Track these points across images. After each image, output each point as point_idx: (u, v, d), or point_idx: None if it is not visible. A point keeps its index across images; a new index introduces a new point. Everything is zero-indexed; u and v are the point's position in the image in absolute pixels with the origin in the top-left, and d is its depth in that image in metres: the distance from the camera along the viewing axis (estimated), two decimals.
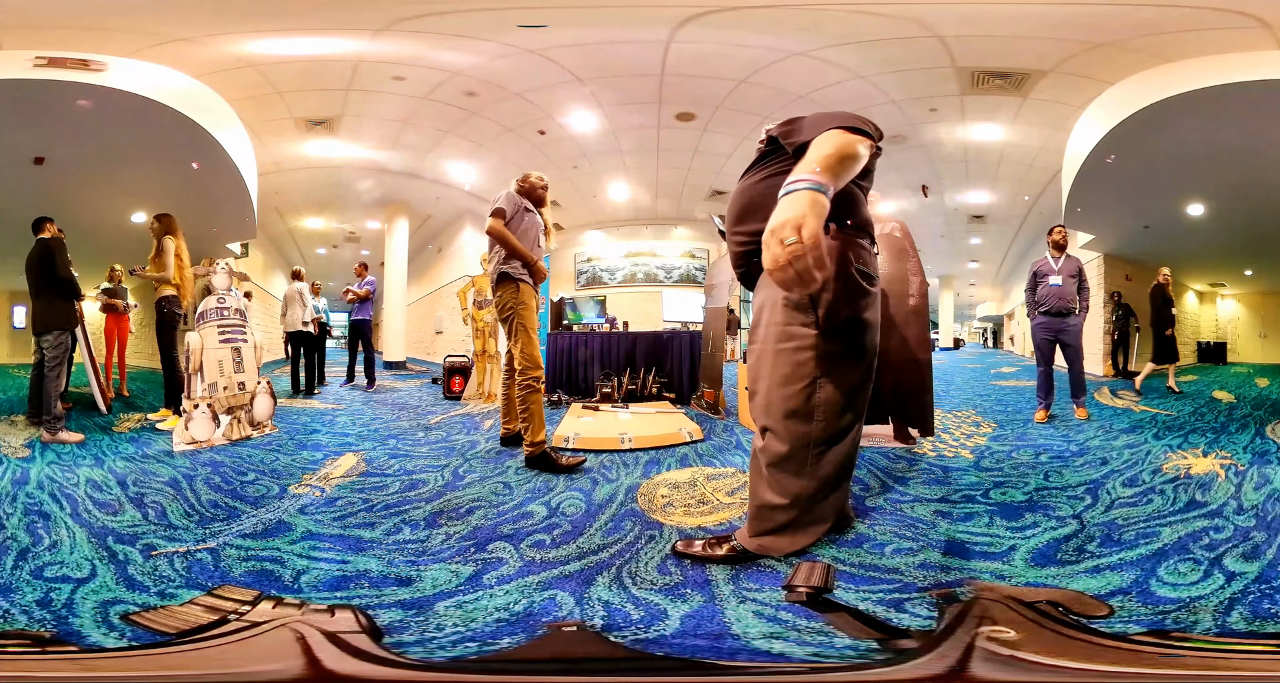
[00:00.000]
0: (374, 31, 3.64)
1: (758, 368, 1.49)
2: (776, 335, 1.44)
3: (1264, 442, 2.76)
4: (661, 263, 8.21)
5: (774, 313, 1.44)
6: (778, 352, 1.43)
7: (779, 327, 1.43)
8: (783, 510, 1.50)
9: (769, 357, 1.45)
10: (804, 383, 1.42)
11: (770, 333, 1.45)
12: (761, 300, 1.51)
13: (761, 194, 1.50)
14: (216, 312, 3.43)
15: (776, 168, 1.49)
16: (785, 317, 1.42)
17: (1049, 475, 2.32)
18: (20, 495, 2.10)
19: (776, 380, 1.44)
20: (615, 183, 6.40)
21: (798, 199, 1.12)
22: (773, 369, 1.44)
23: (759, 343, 1.49)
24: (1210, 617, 1.23)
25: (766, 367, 1.46)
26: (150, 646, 1.18)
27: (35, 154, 3.82)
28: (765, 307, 1.48)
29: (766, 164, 1.56)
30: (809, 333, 1.42)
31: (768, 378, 1.46)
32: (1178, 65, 3.63)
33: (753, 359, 1.52)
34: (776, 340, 1.44)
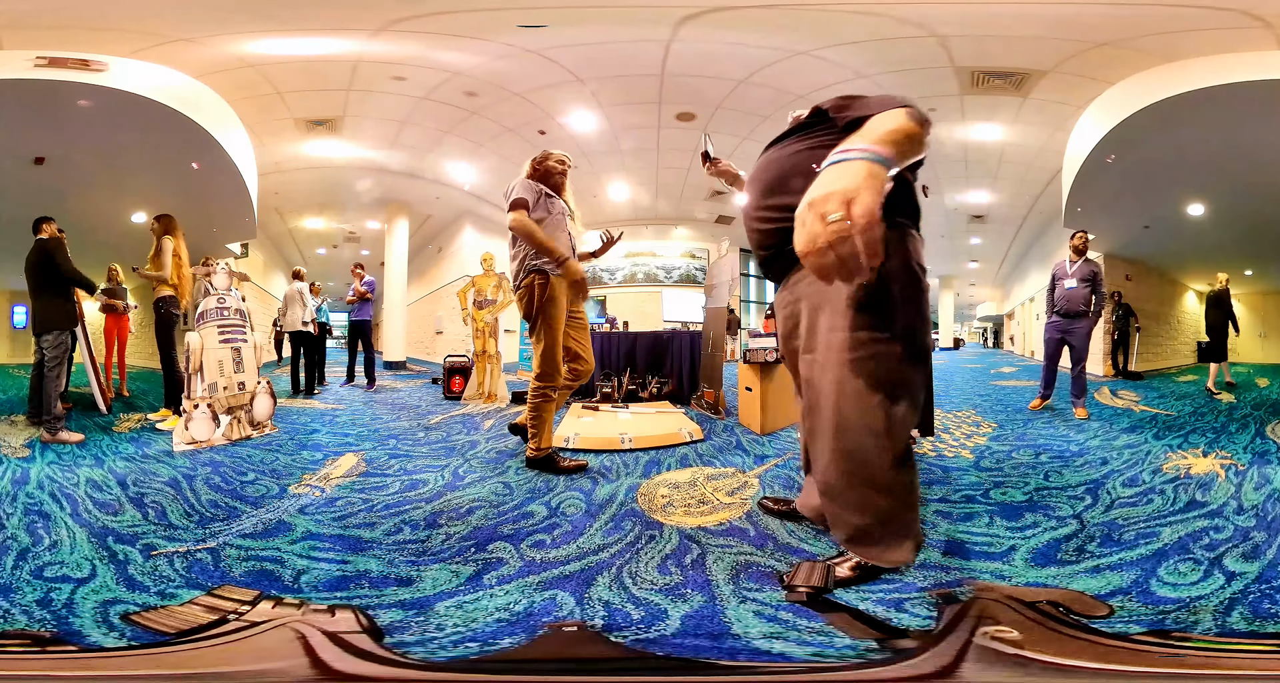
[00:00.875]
0: (373, 31, 3.64)
1: (819, 382, 1.26)
2: (844, 343, 1.21)
3: (1264, 442, 2.76)
4: (661, 263, 8.21)
5: (836, 316, 1.21)
6: (847, 363, 1.21)
7: (846, 333, 1.20)
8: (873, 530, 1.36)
9: (834, 369, 1.22)
10: (880, 397, 1.21)
11: (835, 341, 1.22)
12: (816, 300, 1.27)
13: (798, 164, 1.29)
14: (216, 312, 3.43)
15: (820, 140, 1.28)
16: (854, 320, 1.20)
17: (1049, 475, 2.32)
18: (20, 495, 2.10)
19: (850, 398, 1.22)
20: (615, 183, 6.39)
21: (849, 169, 0.91)
22: (841, 384, 1.22)
23: (818, 352, 1.26)
24: (1210, 617, 1.23)
25: (831, 381, 1.23)
26: (150, 645, 1.18)
27: (35, 154, 3.82)
28: (823, 308, 1.25)
29: (807, 135, 1.36)
30: (882, 338, 1.21)
31: (834, 394, 1.23)
32: (1178, 65, 3.63)
33: (812, 371, 1.29)
34: (844, 349, 1.21)
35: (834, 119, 1.29)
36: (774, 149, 1.45)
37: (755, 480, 2.32)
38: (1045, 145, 4.92)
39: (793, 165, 1.32)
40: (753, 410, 3.32)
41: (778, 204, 1.33)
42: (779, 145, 1.44)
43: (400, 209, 6.56)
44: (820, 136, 1.30)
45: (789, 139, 1.42)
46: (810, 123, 1.38)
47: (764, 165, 1.45)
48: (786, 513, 1.90)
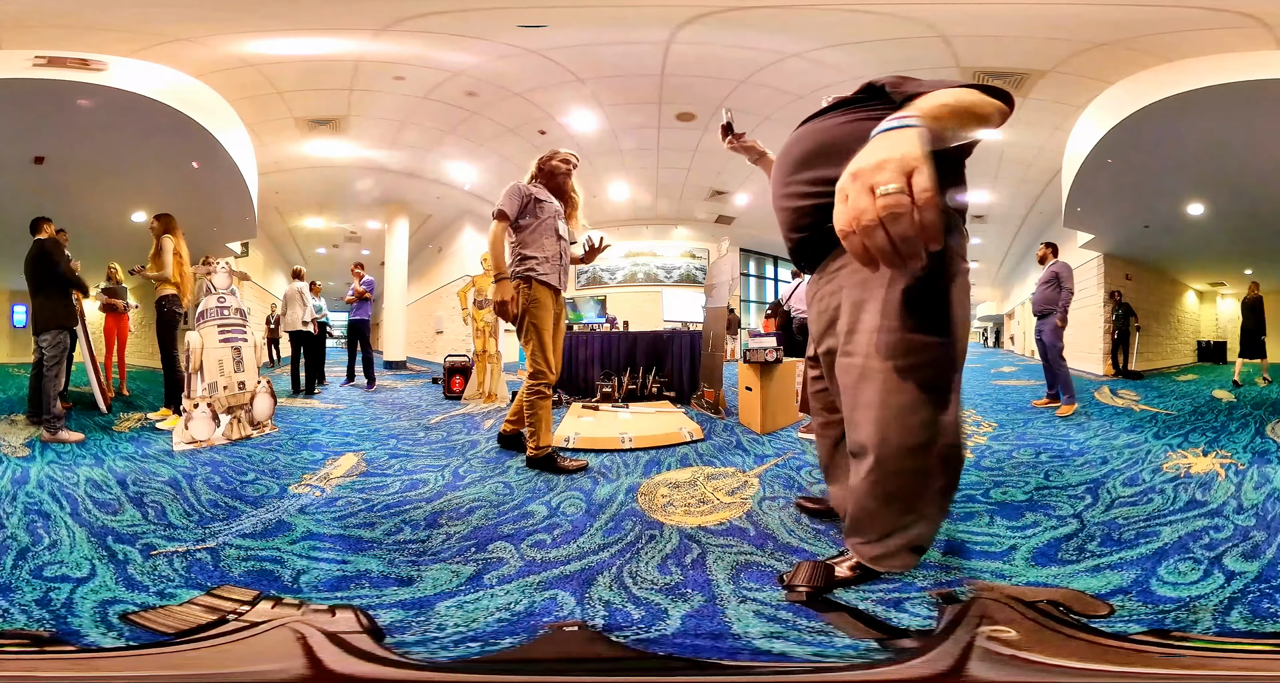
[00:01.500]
0: (374, 31, 3.64)
1: (859, 390, 1.11)
2: (891, 347, 1.05)
3: (1264, 441, 2.76)
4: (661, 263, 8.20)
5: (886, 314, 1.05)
6: (893, 370, 1.06)
7: (894, 335, 1.05)
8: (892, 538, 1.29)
9: (879, 377, 1.07)
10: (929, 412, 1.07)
11: (881, 343, 1.06)
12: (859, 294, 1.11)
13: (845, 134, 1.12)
14: (217, 311, 3.43)
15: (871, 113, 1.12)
16: (903, 320, 1.04)
17: (1049, 475, 2.32)
18: (20, 495, 2.10)
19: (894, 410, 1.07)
20: (615, 183, 6.39)
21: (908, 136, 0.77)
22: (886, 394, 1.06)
23: (858, 357, 1.11)
24: (1210, 616, 1.23)
25: (875, 391, 1.08)
26: (149, 645, 1.18)
27: (35, 154, 3.82)
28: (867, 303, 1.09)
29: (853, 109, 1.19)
30: (933, 342, 1.06)
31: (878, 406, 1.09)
32: (1177, 65, 3.63)
33: (849, 377, 1.14)
34: (890, 354, 1.05)
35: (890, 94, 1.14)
36: (811, 122, 1.27)
37: (755, 480, 2.32)
38: (1045, 145, 4.92)
39: (835, 135, 1.17)
40: (753, 410, 3.32)
41: (816, 177, 1.15)
42: (815, 119, 1.26)
43: (400, 209, 6.55)
44: (871, 111, 1.14)
45: (830, 113, 1.24)
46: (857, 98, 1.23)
47: (798, 137, 1.27)
48: (822, 512, 1.87)
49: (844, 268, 1.15)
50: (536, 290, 2.41)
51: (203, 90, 3.85)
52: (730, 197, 6.83)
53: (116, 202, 4.37)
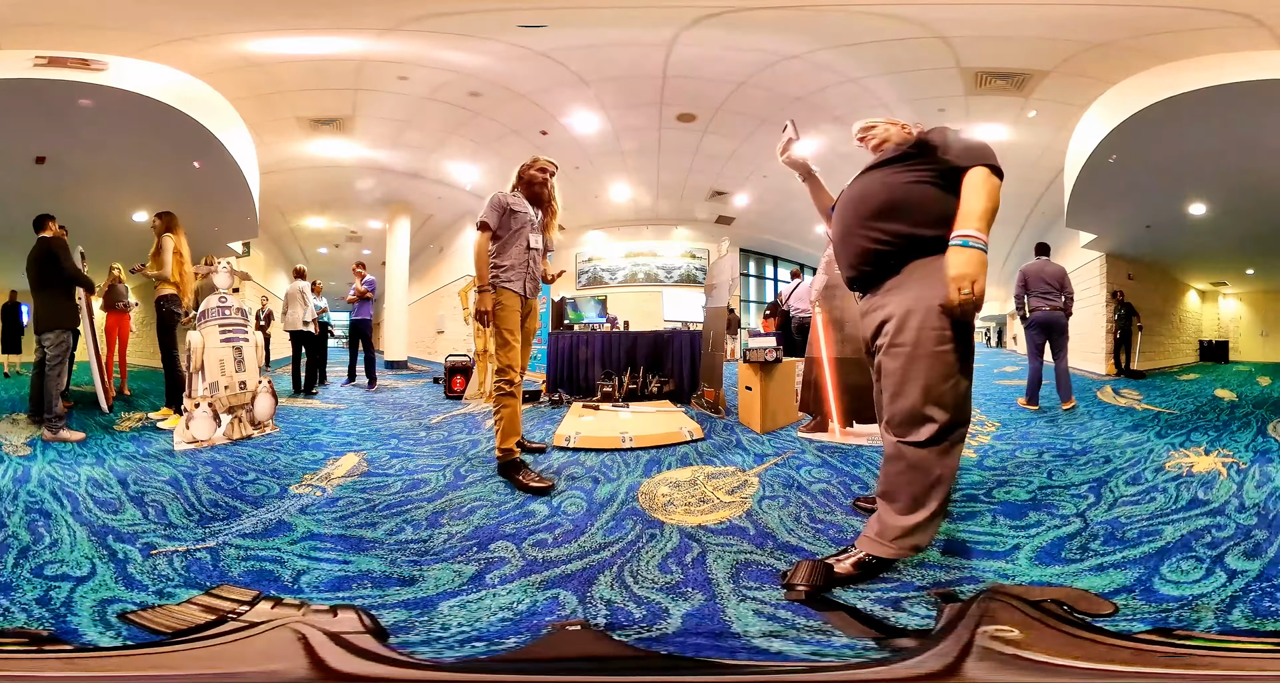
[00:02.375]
0: (378, 32, 3.64)
1: (908, 370, 1.52)
2: (936, 339, 1.50)
3: (1265, 440, 2.75)
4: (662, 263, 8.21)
5: (929, 318, 1.51)
6: (936, 354, 1.50)
7: (937, 331, 1.50)
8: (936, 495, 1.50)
9: (926, 359, 1.50)
10: (955, 379, 1.51)
11: (928, 336, 1.51)
12: (908, 306, 1.55)
13: (909, 195, 1.59)
14: (218, 311, 3.43)
15: (925, 174, 1.58)
16: (942, 322, 1.50)
17: (1052, 474, 2.32)
18: (22, 494, 2.10)
19: (936, 378, 1.50)
20: (616, 184, 6.40)
21: (972, 257, 1.40)
22: (930, 369, 1.50)
23: (908, 346, 1.52)
24: (1212, 615, 1.22)
25: (923, 368, 1.51)
26: (146, 645, 1.18)
27: (36, 153, 3.83)
28: (914, 312, 1.53)
29: (912, 164, 1.61)
30: (957, 337, 1.52)
31: (924, 378, 1.51)
32: (1178, 65, 3.63)
33: (899, 363, 1.54)
34: (935, 343, 1.50)
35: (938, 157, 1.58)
36: (880, 171, 1.66)
37: (755, 479, 2.32)
38: (1048, 145, 4.91)
39: (904, 195, 1.59)
40: (752, 409, 3.32)
41: (892, 230, 1.58)
42: (884, 168, 1.66)
43: (402, 209, 6.56)
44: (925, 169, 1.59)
45: (894, 165, 1.64)
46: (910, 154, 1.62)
47: (875, 188, 1.65)
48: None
49: (894, 289, 1.58)
50: (501, 294, 2.52)
51: (205, 90, 3.85)
52: (730, 197, 6.83)
53: (117, 201, 4.38)
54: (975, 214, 1.46)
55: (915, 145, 1.63)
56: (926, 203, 1.54)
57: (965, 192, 1.50)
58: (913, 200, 1.58)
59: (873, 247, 1.62)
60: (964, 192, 1.50)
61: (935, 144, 1.59)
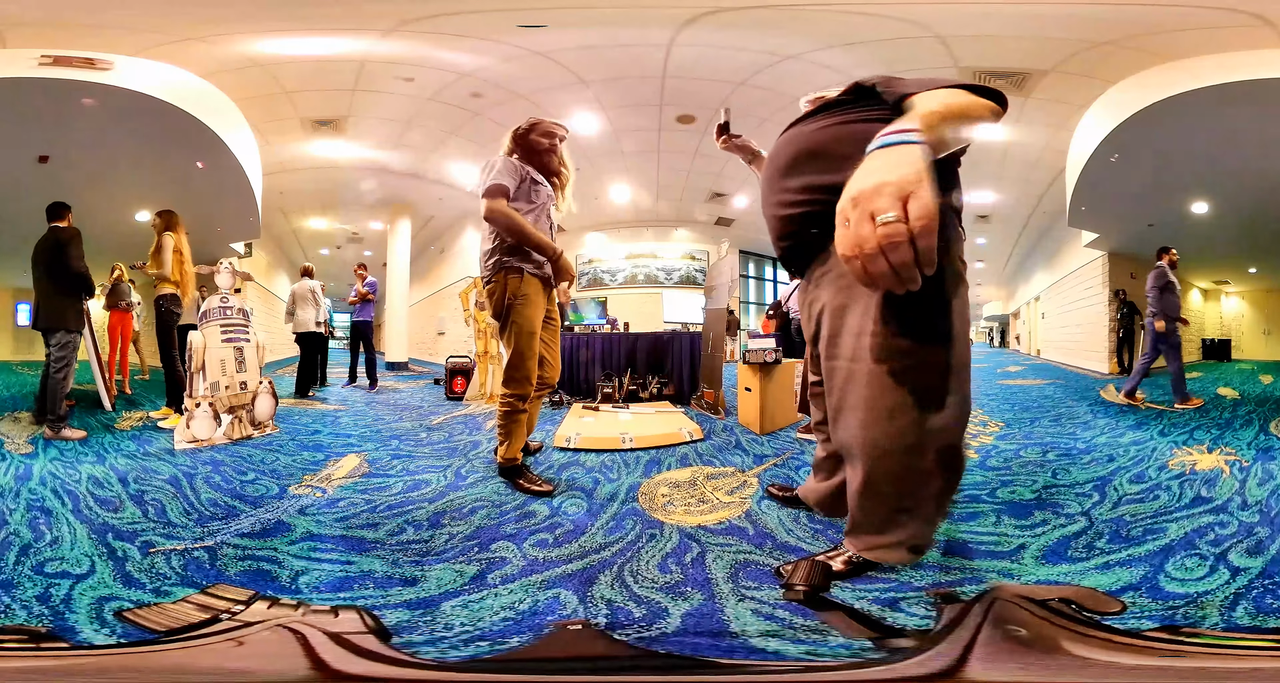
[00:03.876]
0: (382, 32, 3.65)
1: (845, 393, 1.12)
2: (878, 351, 1.05)
3: (1268, 438, 2.74)
4: (662, 265, 8.20)
5: (867, 318, 1.05)
6: (879, 374, 1.05)
7: (881, 338, 1.04)
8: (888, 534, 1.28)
9: (864, 379, 1.07)
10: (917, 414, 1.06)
11: (865, 347, 1.06)
12: (841, 298, 1.11)
13: (835, 138, 1.11)
14: (219, 311, 3.44)
15: (861, 114, 1.12)
16: (889, 324, 1.03)
17: (1057, 473, 2.31)
18: (23, 491, 2.10)
19: (881, 413, 1.07)
20: (616, 185, 6.40)
21: (905, 155, 0.78)
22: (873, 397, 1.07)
23: (843, 360, 1.11)
24: (1216, 612, 1.22)
25: (859, 395, 1.08)
26: (141, 643, 1.18)
27: (40, 152, 3.83)
28: (850, 307, 1.09)
29: (841, 110, 1.17)
30: (920, 345, 1.05)
31: (862, 410, 1.09)
32: (1180, 64, 3.62)
33: (836, 379, 1.15)
34: (877, 357, 1.05)
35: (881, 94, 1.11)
36: (798, 126, 1.25)
37: (754, 480, 2.32)
38: (1048, 145, 4.91)
39: (822, 140, 1.15)
40: (752, 410, 3.31)
41: (803, 184, 1.14)
42: (802, 123, 1.24)
43: (403, 210, 6.57)
44: (861, 112, 1.12)
45: (816, 116, 1.22)
46: (843, 101, 1.20)
47: (785, 142, 1.26)
48: (790, 499, 1.93)
49: (828, 274, 1.15)
50: (528, 284, 2.08)
51: (208, 90, 3.86)
52: (730, 199, 6.83)
53: (121, 201, 4.39)
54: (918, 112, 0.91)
55: (849, 90, 1.21)
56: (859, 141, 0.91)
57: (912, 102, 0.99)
58: (839, 142, 1.10)
59: (784, 212, 1.20)
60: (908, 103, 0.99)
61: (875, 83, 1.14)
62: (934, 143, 0.84)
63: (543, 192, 2.17)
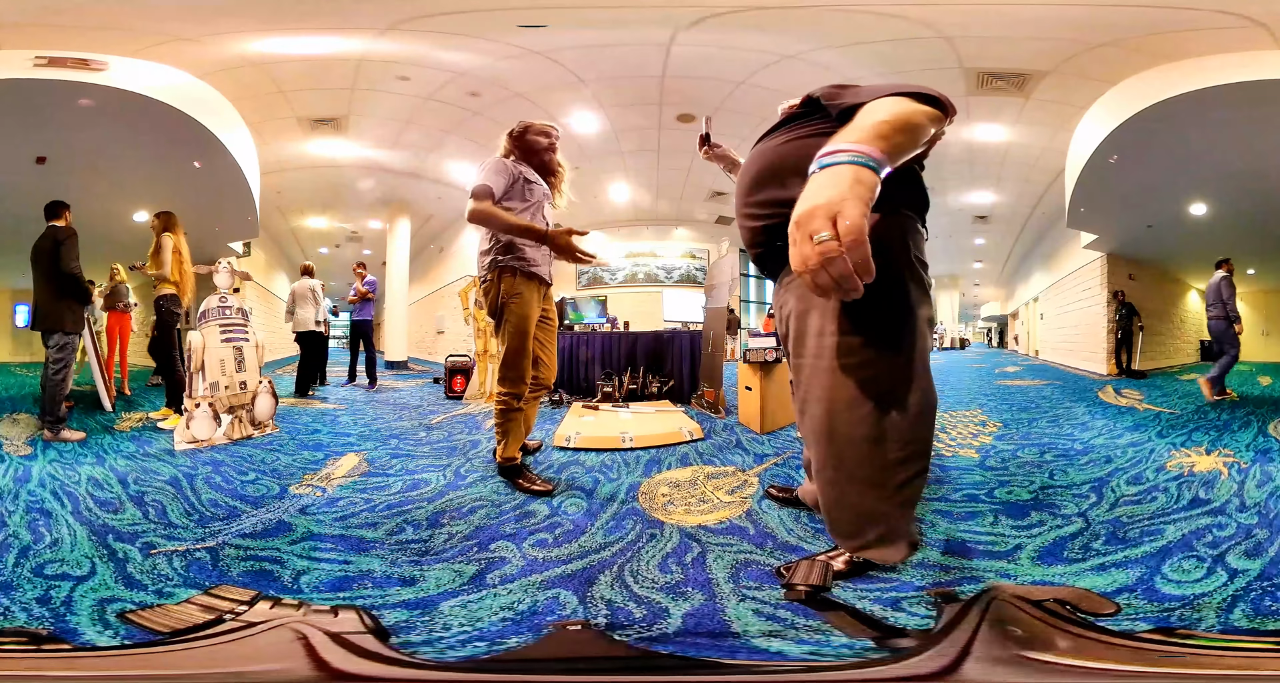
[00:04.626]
0: (379, 31, 3.64)
1: (810, 387, 1.21)
2: (834, 349, 1.14)
3: (1266, 440, 2.75)
4: (662, 263, 8.22)
5: (826, 318, 1.15)
6: (837, 369, 1.15)
7: (835, 337, 1.14)
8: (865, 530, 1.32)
9: (824, 375, 1.16)
10: (873, 406, 1.15)
11: (826, 346, 1.16)
12: (804, 305, 1.21)
13: (787, 155, 1.21)
14: (218, 310, 3.43)
15: (812, 129, 1.21)
16: (845, 323, 1.13)
17: (1054, 474, 2.32)
18: (22, 493, 2.10)
19: (841, 404, 1.16)
20: (616, 184, 6.40)
21: (835, 177, 0.86)
22: (832, 392, 1.16)
23: (808, 358, 1.20)
24: (1213, 614, 1.22)
25: (822, 387, 1.18)
26: (144, 645, 1.18)
27: (37, 154, 3.83)
28: (812, 312, 1.19)
29: (798, 125, 1.27)
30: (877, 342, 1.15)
31: (825, 401, 1.18)
32: (1179, 65, 3.63)
33: (802, 375, 1.24)
34: (835, 355, 1.14)
35: (826, 108, 1.18)
36: (763, 142, 1.35)
37: (755, 479, 2.32)
38: (1048, 146, 4.91)
39: (779, 157, 1.25)
40: (752, 410, 3.31)
41: (765, 199, 1.25)
42: (768, 137, 1.35)
43: (402, 209, 6.57)
44: (813, 126, 1.22)
45: (779, 131, 1.32)
46: (801, 113, 1.30)
47: (752, 159, 1.36)
48: (789, 500, 1.94)
49: (793, 280, 1.23)
50: (521, 283, 2.11)
51: (205, 90, 3.86)
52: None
53: (118, 201, 4.39)
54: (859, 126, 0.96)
55: (803, 103, 1.30)
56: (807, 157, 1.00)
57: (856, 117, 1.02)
58: (784, 161, 1.21)
59: (752, 224, 1.31)
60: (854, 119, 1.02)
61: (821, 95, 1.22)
62: (884, 155, 0.91)
63: (537, 190, 2.21)
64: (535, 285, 2.17)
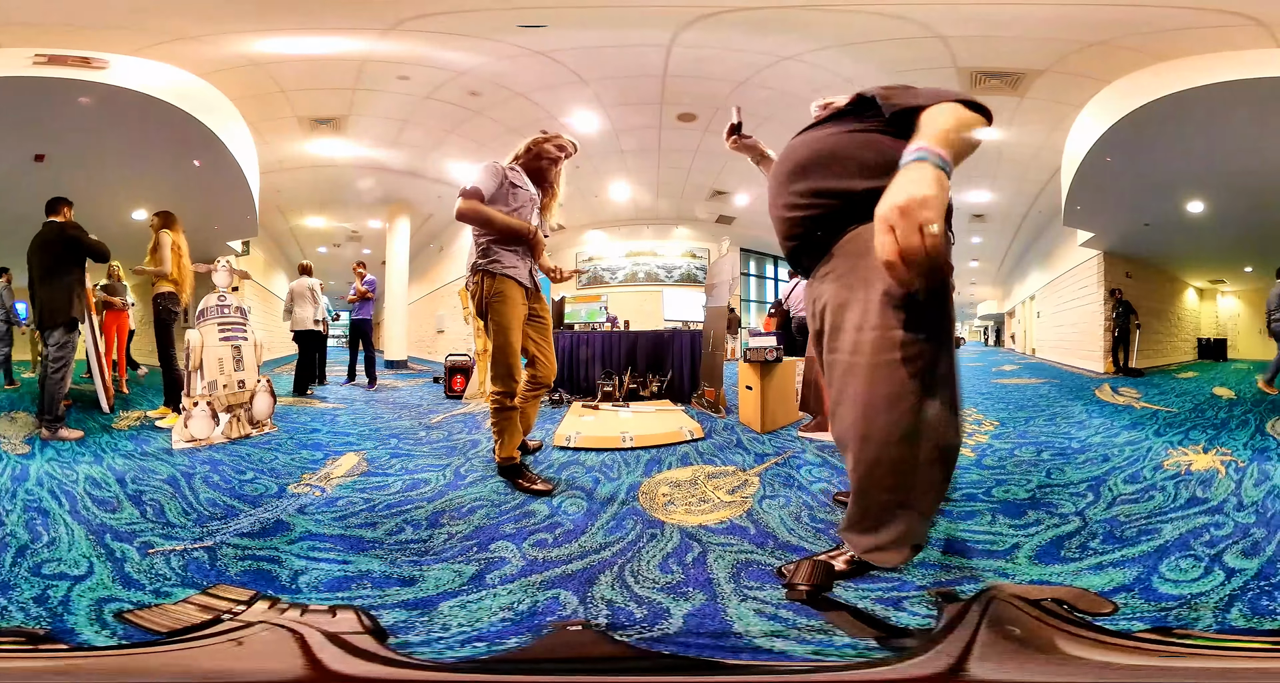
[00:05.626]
0: (380, 31, 3.64)
1: (845, 384, 1.19)
2: (876, 344, 1.12)
3: (1264, 438, 2.75)
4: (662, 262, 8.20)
5: (869, 314, 1.12)
6: (879, 365, 1.12)
7: (879, 332, 1.11)
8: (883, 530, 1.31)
9: (864, 371, 1.14)
10: (914, 400, 1.13)
11: (866, 341, 1.13)
12: (842, 296, 1.18)
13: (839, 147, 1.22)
14: (217, 309, 3.43)
15: (865, 125, 1.23)
16: (888, 319, 1.10)
17: (1051, 473, 2.32)
18: (20, 492, 2.10)
19: (880, 401, 1.14)
20: (616, 183, 6.39)
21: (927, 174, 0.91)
22: (871, 387, 1.14)
23: (845, 354, 1.18)
24: (1211, 613, 1.22)
25: (860, 383, 1.15)
26: (140, 644, 1.18)
27: (35, 151, 3.81)
28: (852, 304, 1.16)
29: (848, 120, 1.27)
30: (914, 339, 1.12)
31: (863, 399, 1.16)
32: (1175, 64, 3.63)
33: (837, 372, 1.22)
34: (876, 350, 1.12)
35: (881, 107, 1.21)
36: (806, 133, 1.34)
37: (755, 479, 2.32)
38: (1043, 144, 4.92)
39: (829, 147, 1.24)
40: (753, 409, 3.32)
41: (810, 188, 1.23)
42: (811, 130, 1.34)
43: (402, 208, 6.55)
44: (865, 122, 1.22)
45: (824, 124, 1.32)
46: (849, 110, 1.30)
47: (795, 147, 1.34)
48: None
49: (831, 272, 1.23)
50: (501, 283, 2.16)
51: (205, 88, 3.85)
52: (730, 197, 6.83)
53: (117, 200, 4.37)
54: (936, 130, 1.03)
55: (853, 101, 1.31)
56: (862, 149, 1.13)
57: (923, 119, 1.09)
58: (844, 149, 1.23)
59: (791, 214, 1.29)
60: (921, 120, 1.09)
61: (877, 94, 1.24)
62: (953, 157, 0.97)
63: (522, 194, 2.28)
64: (516, 285, 2.22)
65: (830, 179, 1.15)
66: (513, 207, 2.22)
